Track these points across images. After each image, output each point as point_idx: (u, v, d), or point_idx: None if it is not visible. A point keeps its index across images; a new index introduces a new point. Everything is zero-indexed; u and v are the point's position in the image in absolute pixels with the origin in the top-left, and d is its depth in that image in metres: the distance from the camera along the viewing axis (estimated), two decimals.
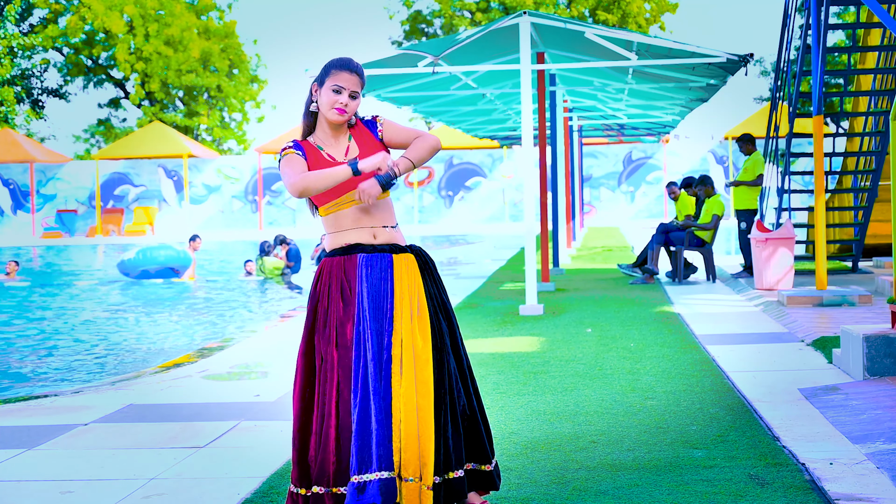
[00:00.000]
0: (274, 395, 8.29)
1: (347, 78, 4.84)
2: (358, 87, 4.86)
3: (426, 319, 4.77)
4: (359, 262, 4.81)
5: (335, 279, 4.83)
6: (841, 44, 46.89)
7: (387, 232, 4.87)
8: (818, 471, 5.55)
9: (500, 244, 30.74)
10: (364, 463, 4.59)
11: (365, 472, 4.58)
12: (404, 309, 4.76)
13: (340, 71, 4.85)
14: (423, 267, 4.89)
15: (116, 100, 64.20)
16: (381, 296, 4.77)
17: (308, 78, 13.54)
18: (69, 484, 5.85)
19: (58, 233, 44.98)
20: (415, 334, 4.73)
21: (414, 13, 60.82)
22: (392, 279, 4.80)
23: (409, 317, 4.75)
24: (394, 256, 4.84)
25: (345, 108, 4.84)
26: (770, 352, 9.65)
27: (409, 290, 4.79)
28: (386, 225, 4.88)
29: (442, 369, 4.75)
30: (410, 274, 4.83)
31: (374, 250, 4.83)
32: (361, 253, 4.83)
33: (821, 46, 13.44)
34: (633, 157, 44.15)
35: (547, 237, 16.15)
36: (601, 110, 26.95)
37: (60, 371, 11.42)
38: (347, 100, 4.84)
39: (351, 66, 4.87)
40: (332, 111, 4.84)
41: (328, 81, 4.85)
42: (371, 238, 4.85)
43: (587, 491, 5.36)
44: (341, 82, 4.83)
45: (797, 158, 17.45)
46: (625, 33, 16.12)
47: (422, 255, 4.93)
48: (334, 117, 4.85)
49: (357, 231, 4.85)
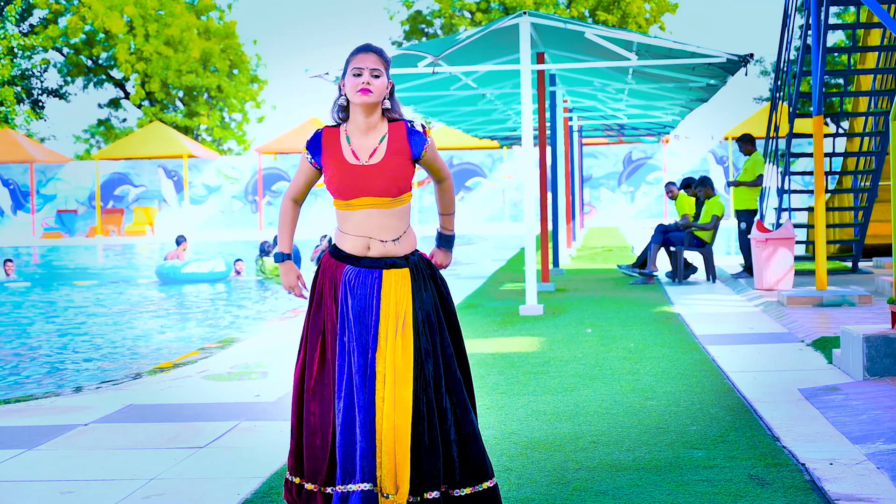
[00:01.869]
0: (274, 395, 8.29)
1: (364, 58, 4.75)
2: (378, 64, 4.75)
3: (409, 338, 4.69)
4: (345, 273, 4.78)
5: (328, 279, 4.82)
6: (841, 44, 46.88)
7: (382, 246, 4.76)
8: (818, 471, 5.55)
9: (500, 244, 30.73)
10: (348, 473, 4.60)
11: (349, 482, 4.59)
12: (389, 326, 4.69)
13: (357, 54, 4.77)
14: (419, 281, 4.79)
15: (116, 100, 64.19)
16: (366, 311, 4.71)
17: (308, 78, 13.57)
18: (69, 484, 5.85)
19: (58, 233, 44.98)
20: (396, 352, 4.67)
21: (414, 13, 60.81)
22: (378, 295, 4.73)
23: (394, 334, 4.68)
24: (384, 272, 4.76)
25: (368, 86, 4.72)
26: (770, 352, 9.65)
27: (395, 307, 4.71)
28: (385, 239, 4.76)
29: (425, 389, 4.68)
30: (399, 290, 4.74)
31: (361, 264, 4.77)
32: (350, 265, 4.78)
33: (821, 46, 13.44)
34: (633, 157, 44.16)
35: (547, 237, 16.15)
36: (601, 110, 26.95)
37: (59, 371, 11.41)
38: (370, 78, 4.72)
39: (366, 47, 4.80)
40: (356, 94, 4.71)
41: (349, 69, 4.77)
42: (364, 250, 4.77)
43: (587, 491, 5.37)
44: (359, 63, 4.74)
45: (797, 159, 17.46)
46: (625, 33, 16.12)
47: (419, 268, 4.82)
48: (360, 99, 4.71)
49: (354, 239, 4.78)
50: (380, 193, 4.73)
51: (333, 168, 4.78)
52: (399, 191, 4.77)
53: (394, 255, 4.78)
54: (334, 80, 4.65)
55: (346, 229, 4.81)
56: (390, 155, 4.76)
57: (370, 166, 4.74)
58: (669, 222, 17.17)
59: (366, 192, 4.73)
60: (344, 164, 4.76)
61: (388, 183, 4.73)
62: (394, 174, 4.74)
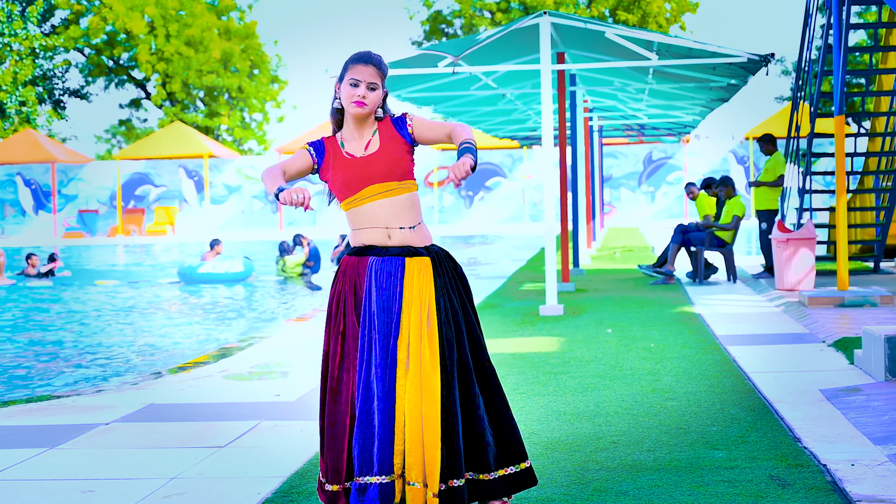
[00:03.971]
0: (294, 394, 8.30)
1: (363, 70, 4.83)
2: (375, 77, 4.83)
3: (435, 326, 4.74)
4: (369, 266, 4.82)
5: (349, 280, 4.85)
6: (862, 43, 46.70)
7: (402, 233, 4.83)
8: (839, 472, 5.53)
9: (520, 244, 30.72)
10: (365, 465, 4.65)
11: (366, 474, 4.65)
12: (412, 314, 4.74)
13: (356, 64, 4.85)
14: (441, 270, 4.85)
15: (137, 100, 64.43)
16: (390, 300, 4.76)
17: (329, 78, 13.58)
18: (90, 483, 5.87)
19: (79, 233, 45.14)
20: (422, 340, 4.71)
21: (434, 13, 60.84)
22: (402, 283, 4.78)
23: (418, 322, 4.73)
24: (406, 260, 4.82)
25: (363, 100, 4.82)
26: (791, 352, 9.62)
27: (419, 295, 4.76)
28: (403, 226, 4.84)
29: (450, 378, 4.73)
30: (422, 278, 4.79)
31: (387, 253, 4.82)
32: (373, 256, 4.83)
33: (842, 46, 13.39)
34: (653, 157, 44.09)
35: (567, 237, 16.13)
36: (621, 110, 26.89)
37: (81, 370, 11.45)
38: (365, 91, 4.82)
39: (365, 58, 4.86)
40: (351, 105, 4.83)
41: (346, 76, 4.85)
42: (385, 239, 4.83)
43: (607, 492, 5.36)
44: (357, 75, 4.82)
45: (818, 158, 17.38)
46: (645, 33, 16.08)
47: (440, 258, 4.89)
48: (354, 111, 4.83)
49: (372, 231, 4.84)
50: (384, 178, 4.83)
51: (335, 167, 4.89)
52: (402, 174, 4.87)
53: (414, 244, 4.85)
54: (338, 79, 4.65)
55: (362, 224, 4.86)
56: (385, 142, 4.88)
57: (369, 156, 4.86)
58: (689, 222, 17.13)
59: (370, 180, 4.83)
60: (344, 161, 4.88)
61: (390, 165, 4.84)
62: (393, 157, 4.85)
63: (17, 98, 50.96)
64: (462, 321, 4.84)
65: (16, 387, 10.46)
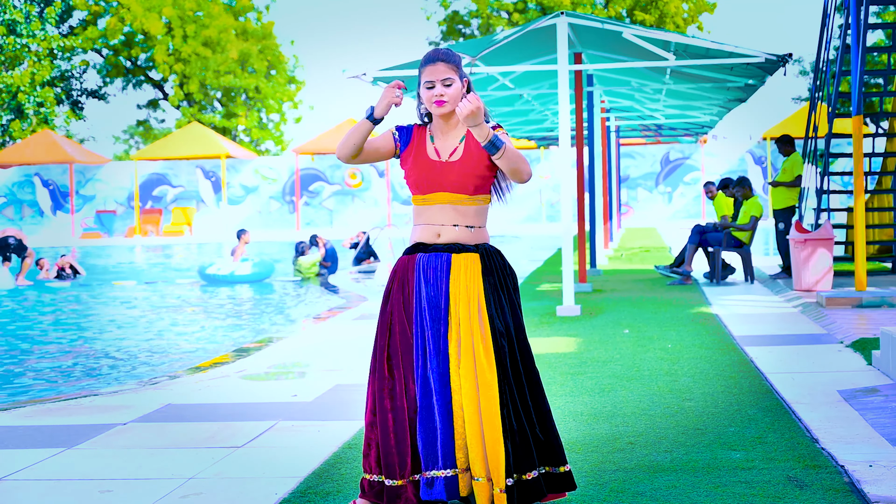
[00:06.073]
0: (311, 395, 8.31)
1: (433, 70, 4.88)
2: (448, 73, 4.88)
3: (486, 321, 4.78)
4: (417, 263, 4.88)
5: (398, 280, 4.91)
6: (881, 43, 46.53)
7: (454, 231, 4.88)
8: (857, 473, 5.51)
9: (537, 245, 30.70)
10: (430, 460, 4.74)
11: (432, 468, 4.74)
12: (460, 309, 4.79)
13: (425, 66, 4.91)
14: (490, 267, 4.89)
15: (155, 101, 64.59)
16: (437, 295, 4.82)
17: (346, 79, 13.60)
18: (108, 483, 5.89)
19: (97, 233, 45.25)
20: (473, 335, 4.75)
21: (451, 13, 60.86)
22: (448, 279, 4.83)
23: (467, 317, 4.78)
24: (453, 256, 4.86)
25: (442, 97, 4.87)
26: (809, 353, 9.59)
27: (466, 290, 4.81)
28: (457, 224, 4.88)
29: (505, 372, 4.77)
30: (469, 274, 4.84)
31: (434, 250, 4.87)
32: (422, 253, 4.89)
33: (860, 46, 13.35)
34: (670, 157, 44.01)
35: (584, 238, 16.12)
36: (638, 111, 26.87)
37: (98, 370, 11.48)
38: (442, 89, 4.87)
39: (432, 58, 4.91)
40: (433, 106, 4.89)
41: (421, 81, 4.92)
42: (435, 237, 4.89)
43: (625, 492, 5.35)
44: (429, 76, 4.88)
45: (836, 159, 17.34)
46: (662, 33, 16.06)
47: (490, 255, 4.92)
48: (437, 110, 4.90)
49: (425, 228, 4.91)
50: (455, 189, 4.87)
51: (414, 162, 4.94)
52: (475, 189, 4.89)
53: (464, 241, 4.89)
54: (412, 95, 4.79)
55: (420, 221, 4.94)
56: (469, 153, 4.90)
57: (449, 163, 4.89)
58: (707, 223, 17.10)
59: (442, 188, 4.88)
60: (426, 160, 4.92)
61: (464, 179, 4.86)
62: (471, 171, 4.87)
63: (35, 99, 51.12)
64: (510, 321, 4.88)
65: (31, 388, 10.49)
